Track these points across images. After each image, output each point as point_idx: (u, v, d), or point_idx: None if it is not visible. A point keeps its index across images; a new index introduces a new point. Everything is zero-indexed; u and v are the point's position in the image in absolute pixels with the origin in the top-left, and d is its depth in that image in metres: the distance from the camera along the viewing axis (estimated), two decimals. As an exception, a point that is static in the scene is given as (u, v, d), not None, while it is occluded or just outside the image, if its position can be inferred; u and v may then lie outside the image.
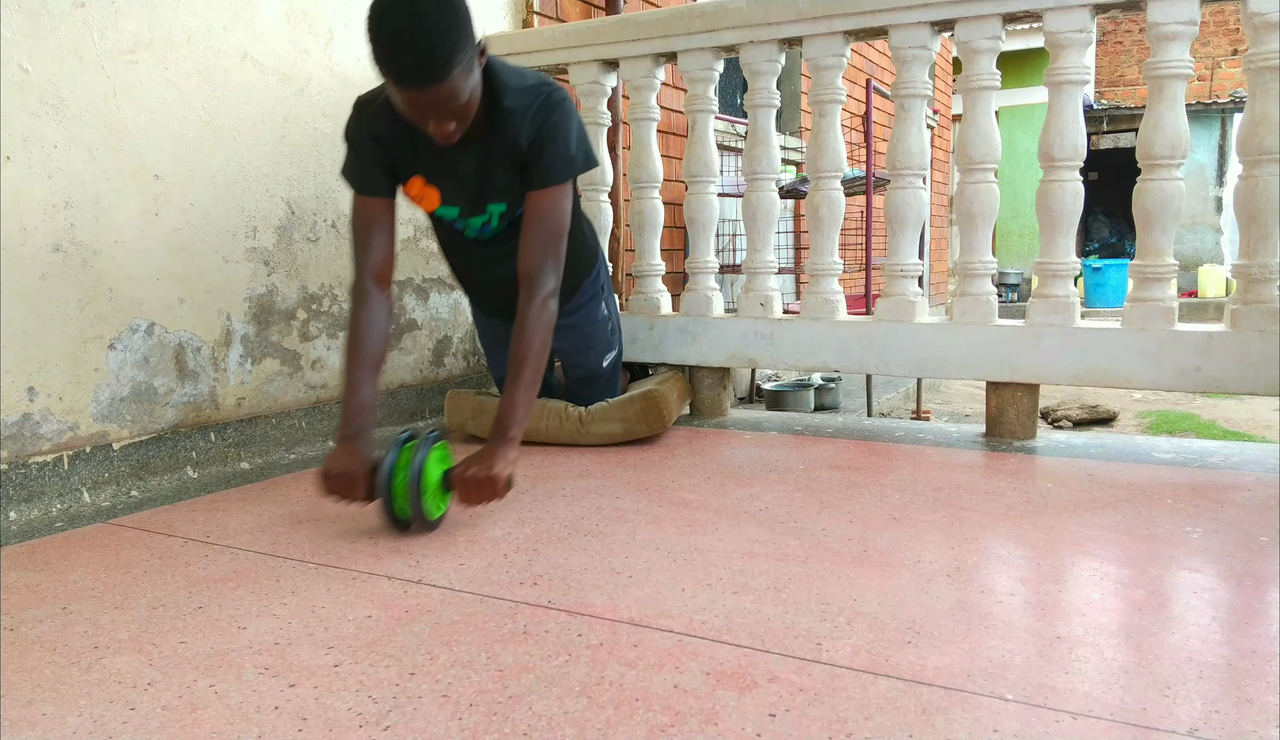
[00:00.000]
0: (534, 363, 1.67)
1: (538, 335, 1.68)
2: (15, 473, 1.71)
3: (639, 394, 2.28)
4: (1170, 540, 1.48)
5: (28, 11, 1.69)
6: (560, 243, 1.78)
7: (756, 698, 0.97)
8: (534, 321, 1.69)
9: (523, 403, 1.65)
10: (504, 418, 1.63)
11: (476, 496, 1.56)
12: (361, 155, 1.77)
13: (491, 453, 1.58)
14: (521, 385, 1.65)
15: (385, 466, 1.52)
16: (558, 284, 1.75)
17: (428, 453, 1.54)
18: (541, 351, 1.68)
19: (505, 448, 1.59)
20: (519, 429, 1.63)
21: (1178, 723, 0.91)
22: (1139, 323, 2.09)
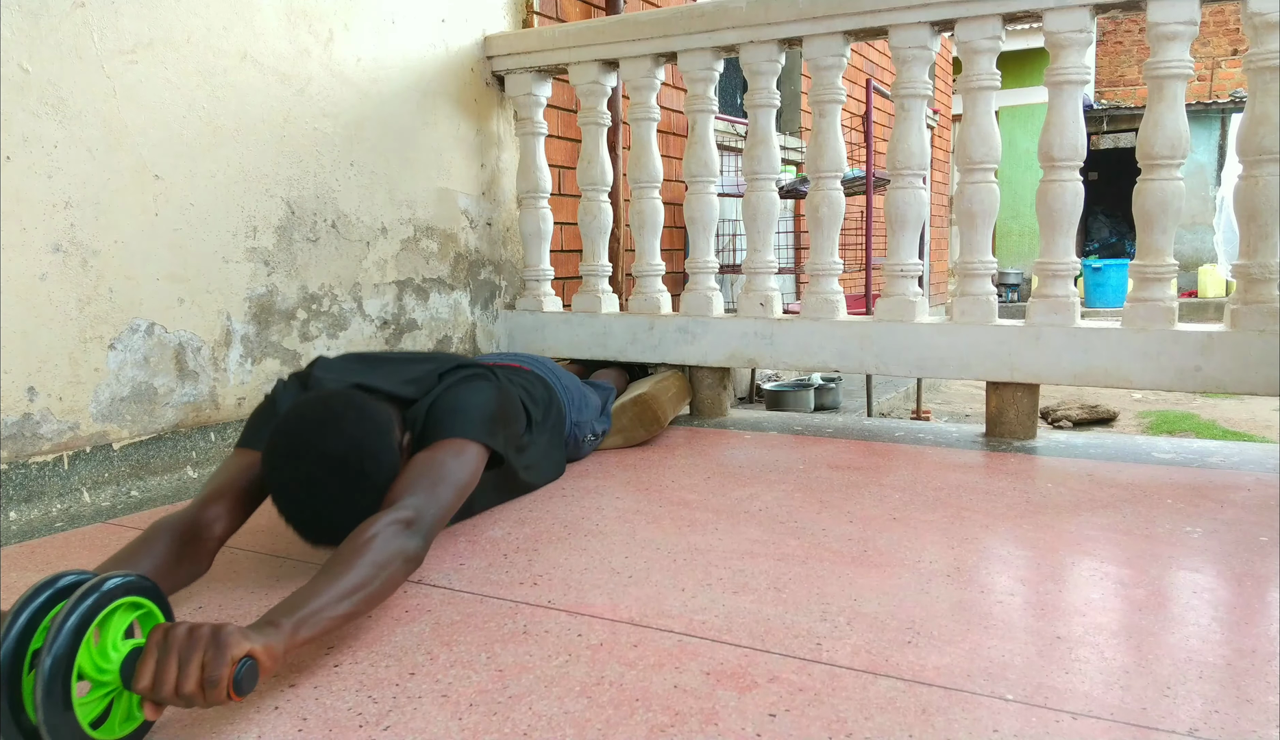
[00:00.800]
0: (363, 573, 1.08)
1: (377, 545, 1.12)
2: (15, 473, 1.71)
3: (630, 400, 2.28)
4: (1170, 540, 1.48)
5: (28, 11, 1.69)
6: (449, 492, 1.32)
7: (756, 698, 0.97)
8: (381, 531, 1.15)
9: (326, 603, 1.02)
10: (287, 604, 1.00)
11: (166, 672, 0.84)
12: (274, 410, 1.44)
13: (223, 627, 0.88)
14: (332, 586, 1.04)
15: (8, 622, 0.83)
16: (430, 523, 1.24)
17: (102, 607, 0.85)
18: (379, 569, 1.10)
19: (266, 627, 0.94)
20: (301, 632, 0.97)
21: (1178, 723, 0.91)
22: (1139, 323, 2.09)
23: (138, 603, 0.91)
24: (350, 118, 2.35)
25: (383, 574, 1.11)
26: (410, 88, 2.53)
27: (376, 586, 1.09)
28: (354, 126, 2.36)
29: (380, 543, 1.13)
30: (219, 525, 1.28)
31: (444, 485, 1.31)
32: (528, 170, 2.78)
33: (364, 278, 2.42)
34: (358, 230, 2.39)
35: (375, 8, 2.41)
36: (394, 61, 2.48)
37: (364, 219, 2.40)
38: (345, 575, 1.06)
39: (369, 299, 2.44)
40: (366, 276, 2.43)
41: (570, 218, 3.12)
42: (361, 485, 1.27)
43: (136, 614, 0.91)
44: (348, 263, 2.37)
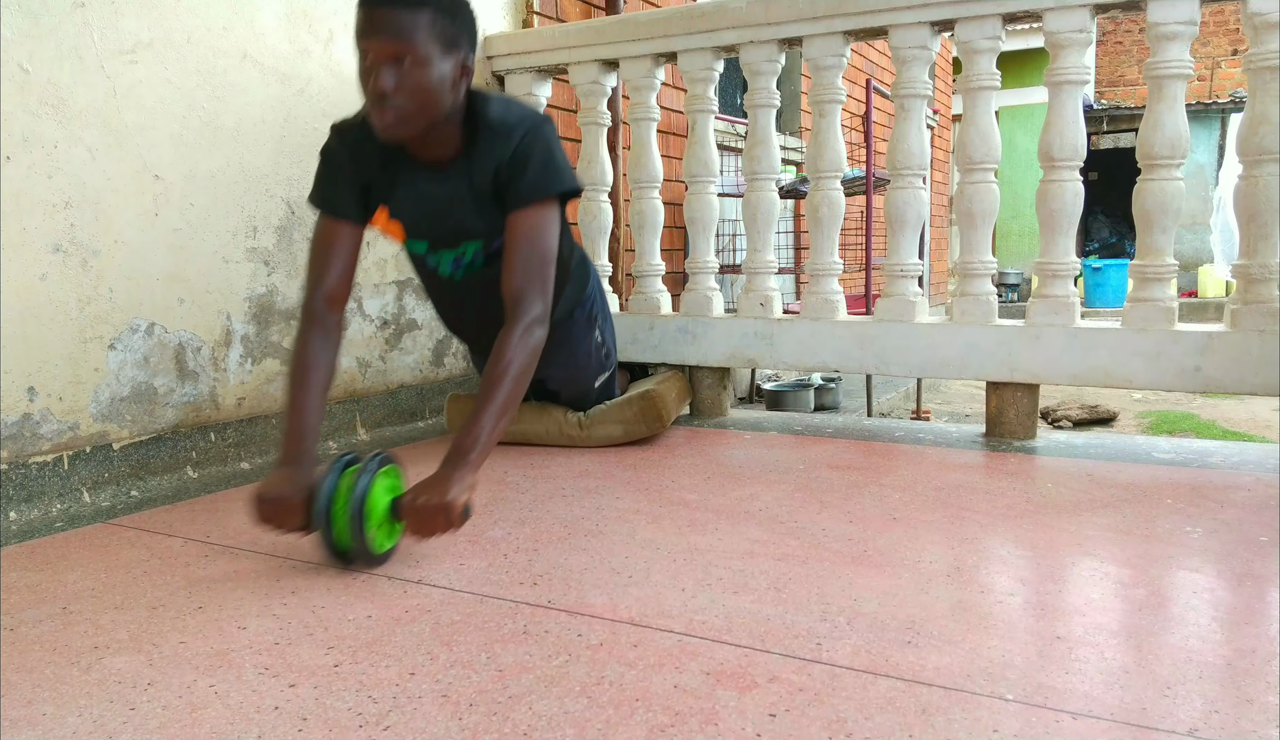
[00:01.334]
0: (509, 388, 1.48)
1: (517, 361, 1.50)
2: (15, 473, 1.71)
3: (637, 395, 2.28)
4: (1170, 540, 1.48)
5: (28, 11, 1.69)
6: (546, 267, 1.64)
7: (756, 698, 0.97)
8: (514, 346, 1.51)
9: (489, 428, 1.44)
10: (464, 440, 1.42)
11: (428, 527, 1.36)
12: (333, 175, 1.68)
13: (447, 478, 1.37)
14: (491, 410, 1.45)
15: (323, 492, 1.34)
16: (545, 311, 1.60)
17: (373, 478, 1.36)
18: (520, 378, 1.50)
19: (462, 472, 1.39)
20: (481, 455, 1.43)
21: (1178, 723, 0.91)
22: (1139, 323, 2.09)
23: (390, 470, 1.42)
24: (350, 118, 2.35)
25: (525, 376, 1.52)
26: (410, 88, 2.53)
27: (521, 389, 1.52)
28: (354, 126, 2.36)
29: (517, 360, 1.50)
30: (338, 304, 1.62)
31: (548, 266, 1.64)
32: (528, 170, 2.77)
33: (364, 278, 2.42)
34: (358, 230, 2.39)
35: (375, 8, 2.40)
36: (394, 61, 2.47)
37: (364, 219, 2.40)
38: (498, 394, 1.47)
39: (369, 299, 2.44)
40: (366, 276, 2.42)
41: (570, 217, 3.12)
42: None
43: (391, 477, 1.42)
44: (348, 263, 2.36)
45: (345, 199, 1.67)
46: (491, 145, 1.66)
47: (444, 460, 1.41)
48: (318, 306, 1.60)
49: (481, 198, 1.71)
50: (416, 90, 1.51)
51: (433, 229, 1.80)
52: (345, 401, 2.38)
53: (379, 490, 1.37)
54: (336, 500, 1.36)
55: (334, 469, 1.38)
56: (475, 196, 1.71)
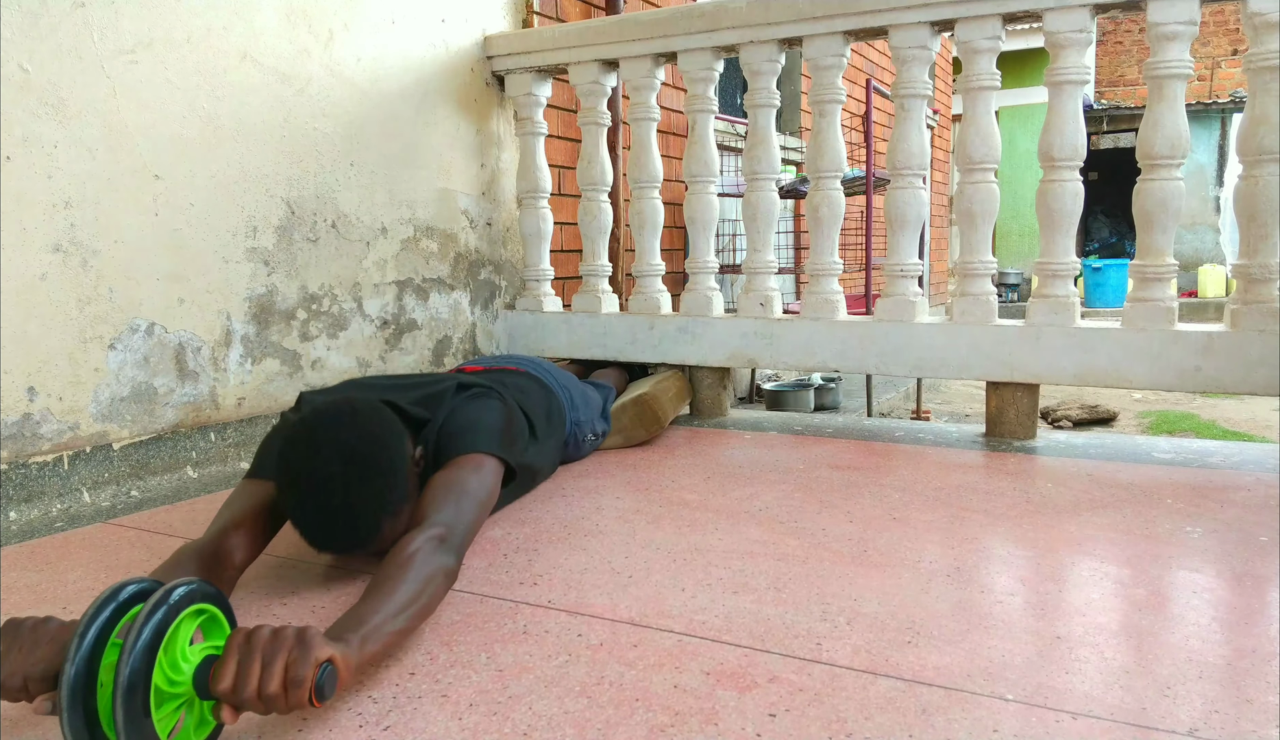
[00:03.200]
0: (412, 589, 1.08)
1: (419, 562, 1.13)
2: (15, 473, 1.71)
3: (630, 401, 2.28)
4: (1170, 540, 1.48)
5: (28, 11, 1.69)
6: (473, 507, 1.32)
7: (756, 698, 0.97)
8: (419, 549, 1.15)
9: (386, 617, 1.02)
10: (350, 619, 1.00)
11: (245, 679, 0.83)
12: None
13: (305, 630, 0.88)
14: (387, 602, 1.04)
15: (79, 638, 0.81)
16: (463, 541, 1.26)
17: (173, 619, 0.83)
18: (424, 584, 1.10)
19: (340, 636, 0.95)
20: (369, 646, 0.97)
21: (1178, 723, 0.91)
22: (1139, 323, 2.09)
23: (202, 609, 0.89)
24: (350, 118, 2.35)
25: (429, 589, 1.11)
26: (410, 88, 2.53)
27: (424, 601, 1.10)
28: (354, 126, 2.36)
29: (421, 559, 1.13)
30: (239, 554, 1.26)
31: (468, 500, 1.32)
32: (528, 170, 2.78)
33: (364, 278, 2.42)
34: (358, 230, 2.39)
35: (375, 8, 2.41)
36: (394, 61, 2.48)
37: (364, 219, 2.40)
38: (395, 591, 1.06)
39: (369, 299, 2.44)
40: (366, 276, 2.43)
41: (570, 218, 3.12)
42: (374, 479, 1.25)
43: (201, 620, 0.89)
44: (348, 263, 2.37)
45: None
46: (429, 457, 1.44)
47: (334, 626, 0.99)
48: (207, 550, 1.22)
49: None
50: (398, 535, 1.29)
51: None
52: (345, 401, 2.38)
53: (181, 639, 0.85)
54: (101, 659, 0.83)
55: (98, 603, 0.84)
56: None
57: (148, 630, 0.81)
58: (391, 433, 1.31)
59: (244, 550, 1.27)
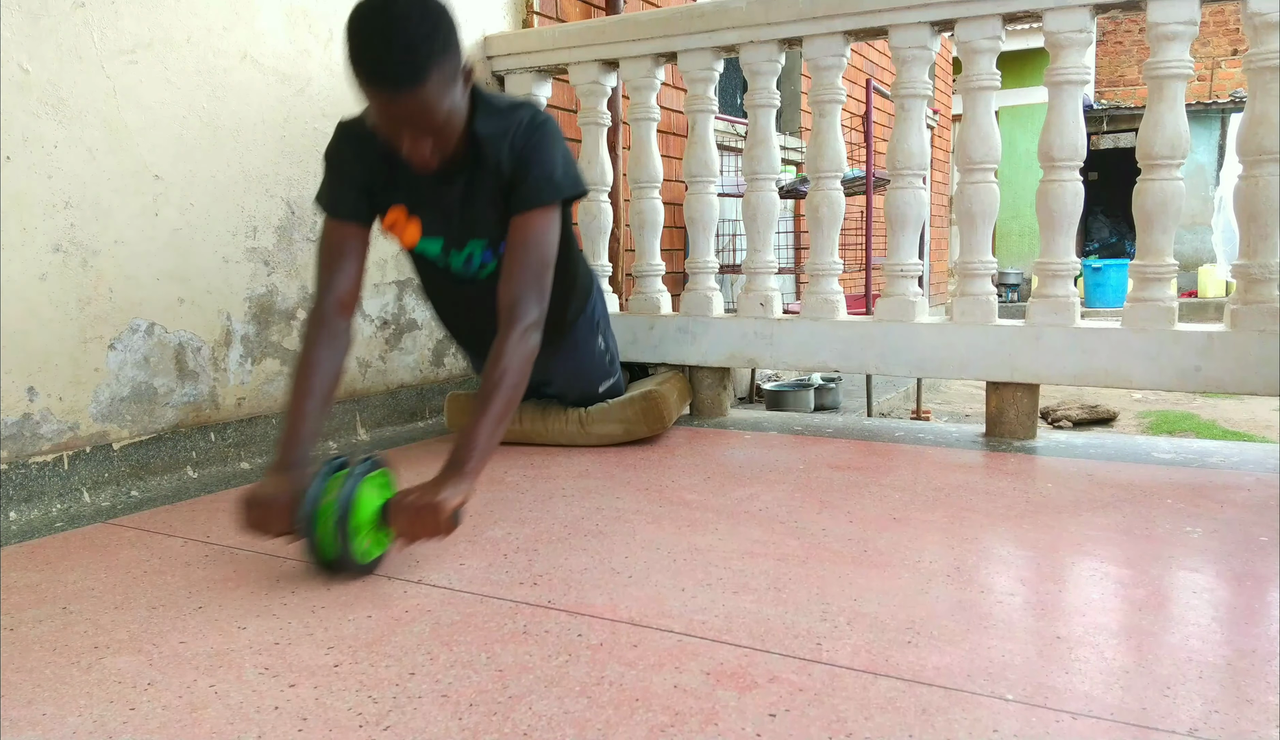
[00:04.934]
0: (506, 395, 1.47)
1: (513, 366, 1.49)
2: (15, 473, 1.71)
3: (639, 394, 2.28)
4: (1170, 540, 1.48)
5: (28, 11, 1.69)
6: (545, 273, 1.63)
7: (756, 698, 0.97)
8: (511, 352, 1.50)
9: (486, 435, 1.42)
10: (461, 448, 1.40)
11: (415, 529, 1.32)
12: (340, 176, 1.68)
13: (440, 482, 1.34)
14: (489, 417, 1.43)
15: (309, 497, 1.28)
16: (541, 316, 1.59)
17: (360, 482, 1.30)
18: (517, 384, 1.49)
19: (458, 480, 1.35)
20: (479, 462, 1.40)
21: (1178, 723, 0.91)
22: (1139, 323, 2.09)
23: (379, 473, 1.37)
24: (350, 118, 2.35)
25: (520, 384, 1.50)
26: (410, 88, 2.53)
27: (517, 396, 1.50)
28: (354, 126, 2.36)
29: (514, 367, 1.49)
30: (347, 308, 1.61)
31: (545, 273, 1.63)
32: (528, 170, 2.77)
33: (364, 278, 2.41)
34: (358, 230, 2.39)
35: (375, 8, 2.40)
36: (394, 61, 2.47)
37: (364, 219, 2.40)
38: (492, 405, 1.44)
39: (369, 299, 2.44)
40: (367, 276, 2.41)
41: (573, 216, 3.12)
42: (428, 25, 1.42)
43: (380, 478, 1.37)
44: (348, 263, 2.36)
45: (351, 201, 1.67)
46: (491, 146, 1.66)
47: (442, 468, 1.38)
48: (327, 312, 1.58)
49: (488, 196, 1.71)
50: (443, 130, 1.52)
51: (446, 227, 1.80)
52: (345, 402, 2.38)
53: (367, 495, 1.32)
54: (321, 504, 1.29)
55: (320, 473, 1.32)
56: (482, 195, 1.72)
57: (350, 482, 1.29)
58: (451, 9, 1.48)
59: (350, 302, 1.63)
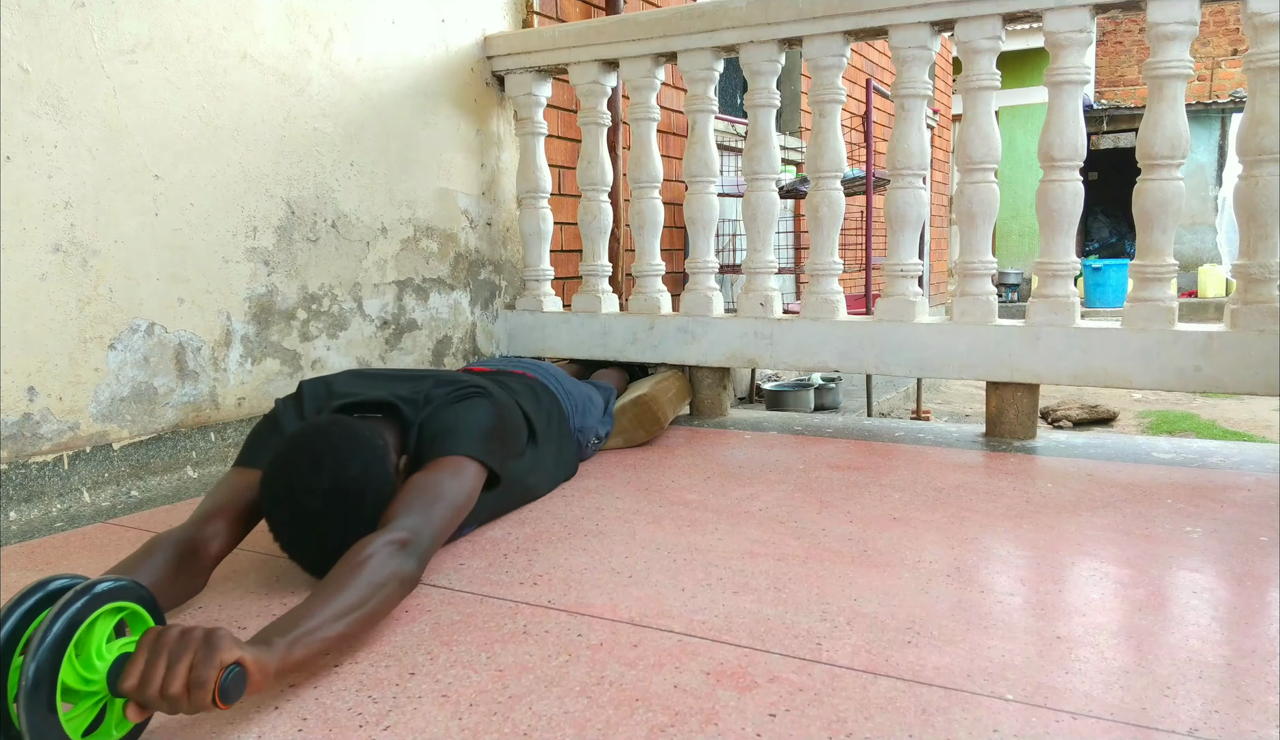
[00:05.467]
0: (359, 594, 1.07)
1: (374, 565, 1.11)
2: (15, 473, 1.71)
3: (630, 401, 2.28)
4: (1170, 540, 1.48)
5: (28, 11, 1.69)
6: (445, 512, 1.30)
7: (756, 698, 0.97)
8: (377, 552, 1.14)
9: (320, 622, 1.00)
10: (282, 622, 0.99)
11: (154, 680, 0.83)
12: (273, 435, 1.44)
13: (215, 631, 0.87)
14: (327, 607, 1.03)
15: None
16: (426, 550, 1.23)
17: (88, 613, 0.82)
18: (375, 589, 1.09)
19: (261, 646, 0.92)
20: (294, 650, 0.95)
21: (1178, 723, 0.91)
22: (1139, 323, 2.09)
23: (122, 606, 0.87)
24: (350, 118, 2.35)
25: (379, 594, 1.10)
26: (410, 88, 2.53)
27: (372, 606, 1.09)
28: (354, 126, 2.36)
29: (376, 563, 1.12)
30: (216, 543, 1.26)
31: (440, 504, 1.30)
32: (528, 170, 2.78)
33: (364, 278, 2.42)
34: (358, 230, 2.39)
35: (375, 8, 2.41)
36: (394, 61, 2.48)
37: (364, 219, 2.40)
38: (340, 595, 1.05)
39: (369, 299, 2.44)
40: (366, 276, 2.43)
41: (570, 218, 3.12)
42: (359, 514, 1.25)
43: (121, 616, 0.88)
44: (348, 263, 2.37)
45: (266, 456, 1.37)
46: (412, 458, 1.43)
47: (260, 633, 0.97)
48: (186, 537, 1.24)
49: None
50: None
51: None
52: (345, 401, 2.38)
53: (98, 636, 0.84)
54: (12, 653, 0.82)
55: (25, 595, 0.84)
56: None
57: (58, 625, 0.79)
58: (375, 460, 1.30)
59: (222, 539, 1.27)
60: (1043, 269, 2.21)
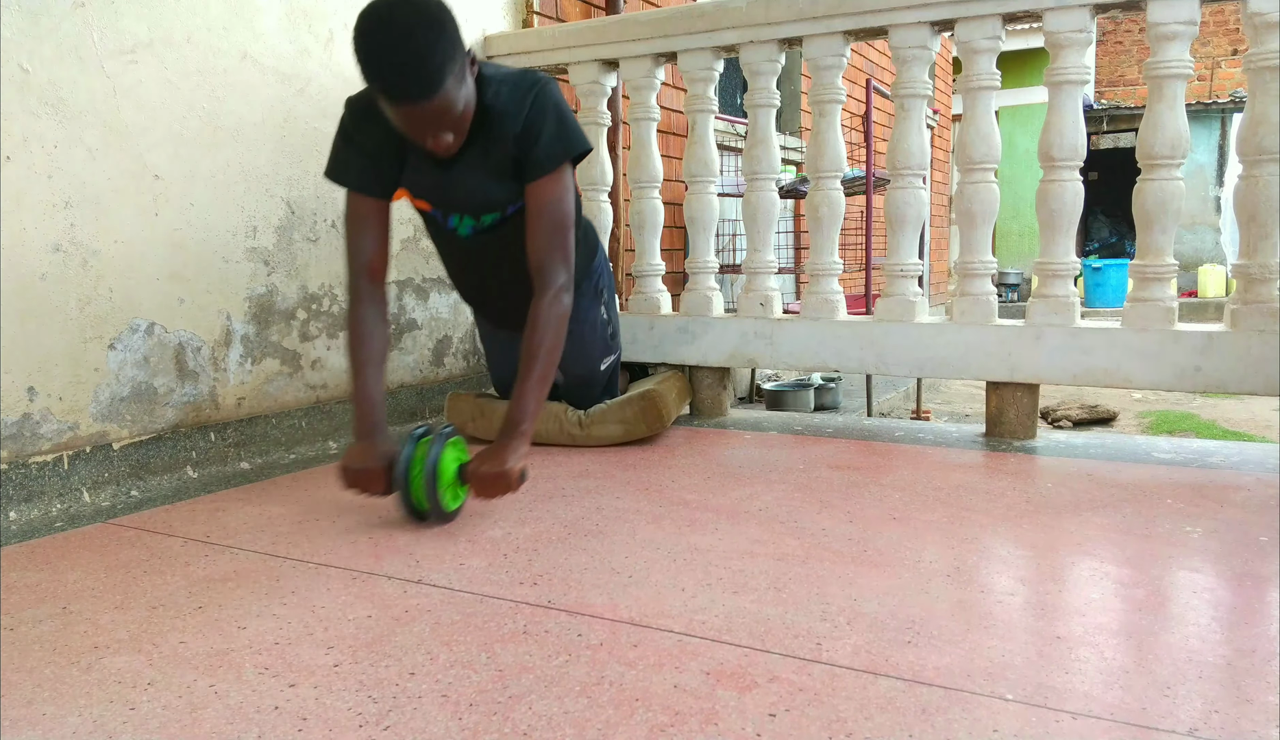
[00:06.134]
0: (545, 358, 1.67)
1: (550, 330, 1.68)
2: (15, 473, 1.71)
3: (637, 394, 2.28)
4: (1170, 540, 1.48)
5: (28, 11, 1.69)
6: (565, 234, 1.75)
7: (756, 698, 0.97)
8: (545, 317, 1.68)
9: (534, 399, 1.65)
10: (515, 413, 1.64)
11: (492, 490, 1.59)
12: (356, 152, 1.76)
13: (504, 447, 1.60)
14: (532, 381, 1.65)
15: (402, 461, 1.57)
16: (569, 278, 1.73)
17: (443, 447, 1.57)
18: (554, 347, 1.68)
19: (517, 442, 1.61)
20: (530, 424, 1.64)
21: (1178, 723, 0.91)
22: (1139, 323, 2.09)
23: (455, 441, 1.63)
24: (350, 118, 2.35)
25: (558, 344, 1.69)
26: (410, 88, 2.53)
27: (556, 356, 1.70)
28: (354, 126, 2.36)
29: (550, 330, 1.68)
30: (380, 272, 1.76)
31: (568, 233, 1.75)
32: (528, 170, 2.77)
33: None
34: (358, 230, 2.39)
35: (375, 8, 2.40)
36: (394, 61, 2.47)
37: (364, 219, 2.40)
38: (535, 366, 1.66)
39: (369, 299, 2.44)
40: (366, 276, 2.42)
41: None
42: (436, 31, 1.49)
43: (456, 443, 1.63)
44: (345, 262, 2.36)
45: (369, 174, 1.76)
46: (503, 119, 1.72)
47: (499, 431, 1.63)
48: (362, 283, 1.74)
49: (498, 171, 1.78)
50: (461, 122, 1.62)
51: (454, 203, 1.88)
52: (345, 402, 2.38)
53: (448, 458, 1.58)
54: (413, 467, 1.57)
55: (409, 440, 1.59)
56: (492, 171, 1.78)
57: (434, 448, 1.56)
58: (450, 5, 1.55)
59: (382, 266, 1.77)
60: (1043, 269, 2.21)
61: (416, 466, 1.57)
